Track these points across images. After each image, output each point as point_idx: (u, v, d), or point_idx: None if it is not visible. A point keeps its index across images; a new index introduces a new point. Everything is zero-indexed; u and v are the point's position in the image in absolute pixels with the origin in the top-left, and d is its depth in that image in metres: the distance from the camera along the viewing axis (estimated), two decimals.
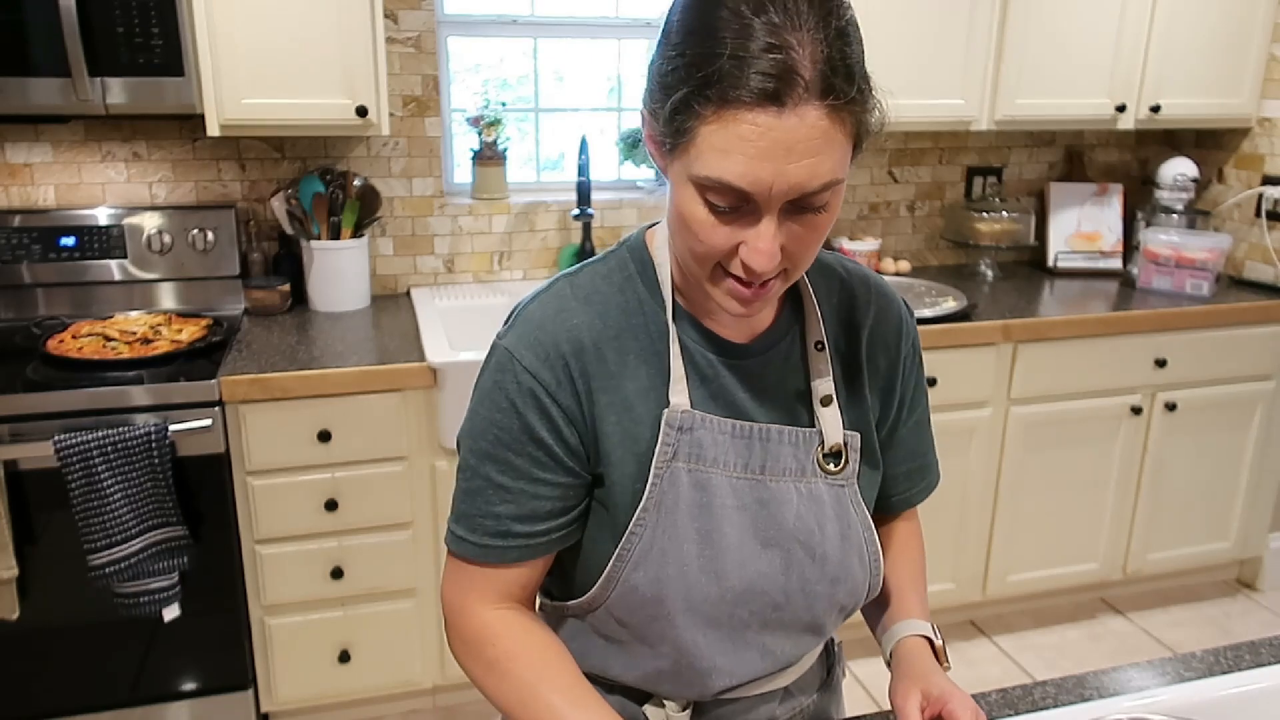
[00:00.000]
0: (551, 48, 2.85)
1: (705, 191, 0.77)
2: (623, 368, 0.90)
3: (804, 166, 0.74)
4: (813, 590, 0.95)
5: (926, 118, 2.67)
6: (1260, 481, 2.99)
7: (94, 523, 1.95)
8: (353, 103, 2.26)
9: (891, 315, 1.01)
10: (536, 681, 0.89)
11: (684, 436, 0.90)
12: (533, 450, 0.89)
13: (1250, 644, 1.17)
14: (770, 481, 0.93)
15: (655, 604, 0.91)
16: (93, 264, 2.43)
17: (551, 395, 0.88)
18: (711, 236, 0.79)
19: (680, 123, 0.76)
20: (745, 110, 0.72)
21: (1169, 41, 2.79)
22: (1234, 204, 3.05)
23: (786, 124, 0.72)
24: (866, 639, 2.81)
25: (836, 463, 0.95)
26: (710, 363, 0.92)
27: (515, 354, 0.89)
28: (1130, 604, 3.03)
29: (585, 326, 0.90)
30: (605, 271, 0.94)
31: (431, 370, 2.15)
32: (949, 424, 2.60)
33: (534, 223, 2.80)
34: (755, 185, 0.74)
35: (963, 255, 3.23)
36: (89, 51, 2.04)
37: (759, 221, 0.77)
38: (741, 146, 0.73)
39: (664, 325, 0.91)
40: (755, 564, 0.92)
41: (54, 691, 2.12)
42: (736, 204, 0.77)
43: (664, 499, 0.90)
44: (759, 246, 0.77)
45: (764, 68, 0.71)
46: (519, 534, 0.91)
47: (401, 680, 2.37)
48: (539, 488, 0.90)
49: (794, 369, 0.95)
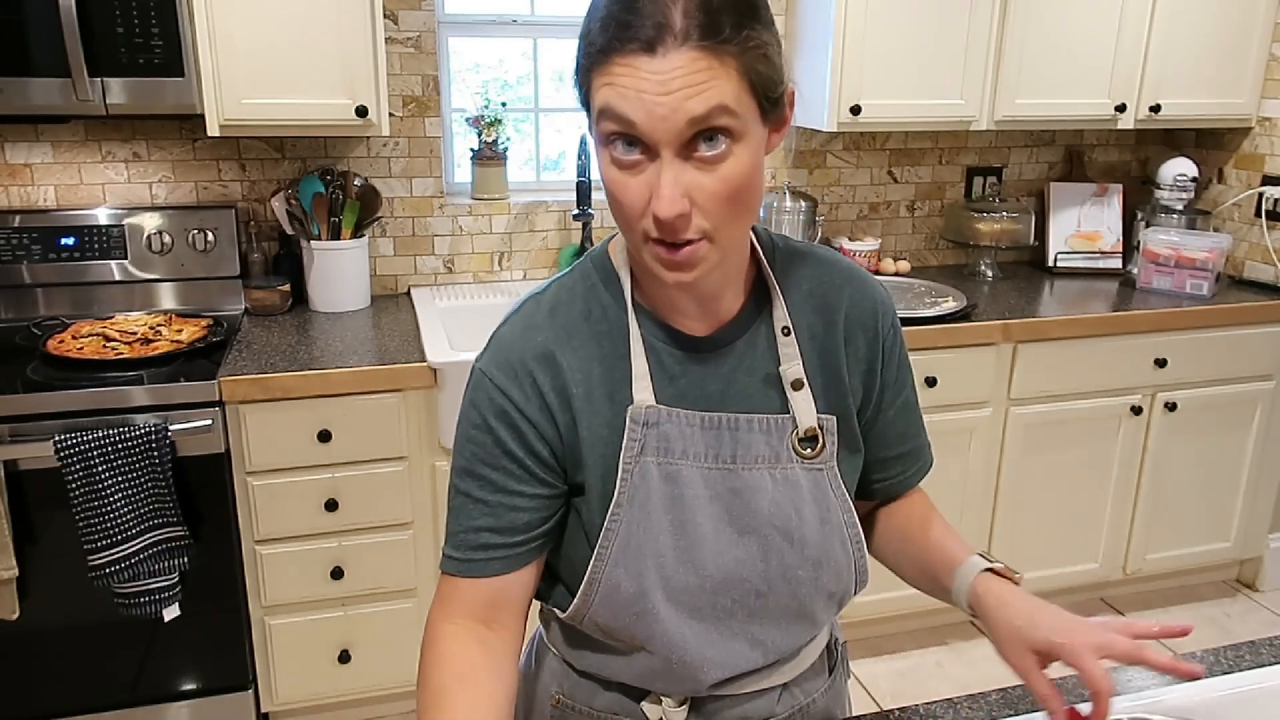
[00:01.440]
0: (551, 48, 2.85)
1: (609, 146, 0.81)
2: (590, 374, 0.93)
3: (683, 95, 0.77)
4: (795, 576, 0.96)
5: (926, 118, 2.68)
6: (1260, 481, 2.99)
7: (94, 523, 1.95)
8: (353, 103, 2.26)
9: (867, 297, 1.01)
10: (430, 703, 0.89)
11: (650, 431, 0.92)
12: (506, 464, 0.93)
13: (1250, 644, 1.17)
14: (743, 470, 0.94)
15: (638, 599, 0.93)
16: (93, 264, 2.43)
17: (520, 410, 0.92)
18: (625, 193, 0.82)
19: (584, 95, 0.83)
20: (619, 57, 0.78)
21: (1169, 41, 2.79)
22: (1234, 204, 3.05)
23: (661, 66, 0.76)
24: (867, 639, 2.81)
25: (812, 447, 0.96)
26: (676, 358, 0.94)
27: (487, 374, 0.93)
28: (1130, 604, 3.03)
29: (551, 340, 0.93)
30: (569, 284, 0.97)
31: (431, 370, 2.15)
32: (949, 424, 2.60)
33: (534, 223, 2.80)
34: (638, 118, 0.77)
35: (963, 255, 3.23)
36: (89, 52, 2.04)
37: (657, 168, 0.80)
38: (619, 88, 0.78)
39: (626, 327, 0.94)
40: (732, 552, 0.94)
41: (54, 691, 2.12)
42: (637, 150, 0.80)
43: (635, 494, 0.92)
44: (661, 192, 0.79)
45: (638, 19, 0.76)
46: (497, 545, 0.93)
47: (401, 680, 2.37)
48: (515, 499, 0.93)
49: (764, 356, 0.96)
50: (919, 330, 2.48)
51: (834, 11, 2.54)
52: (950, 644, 2.82)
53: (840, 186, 3.07)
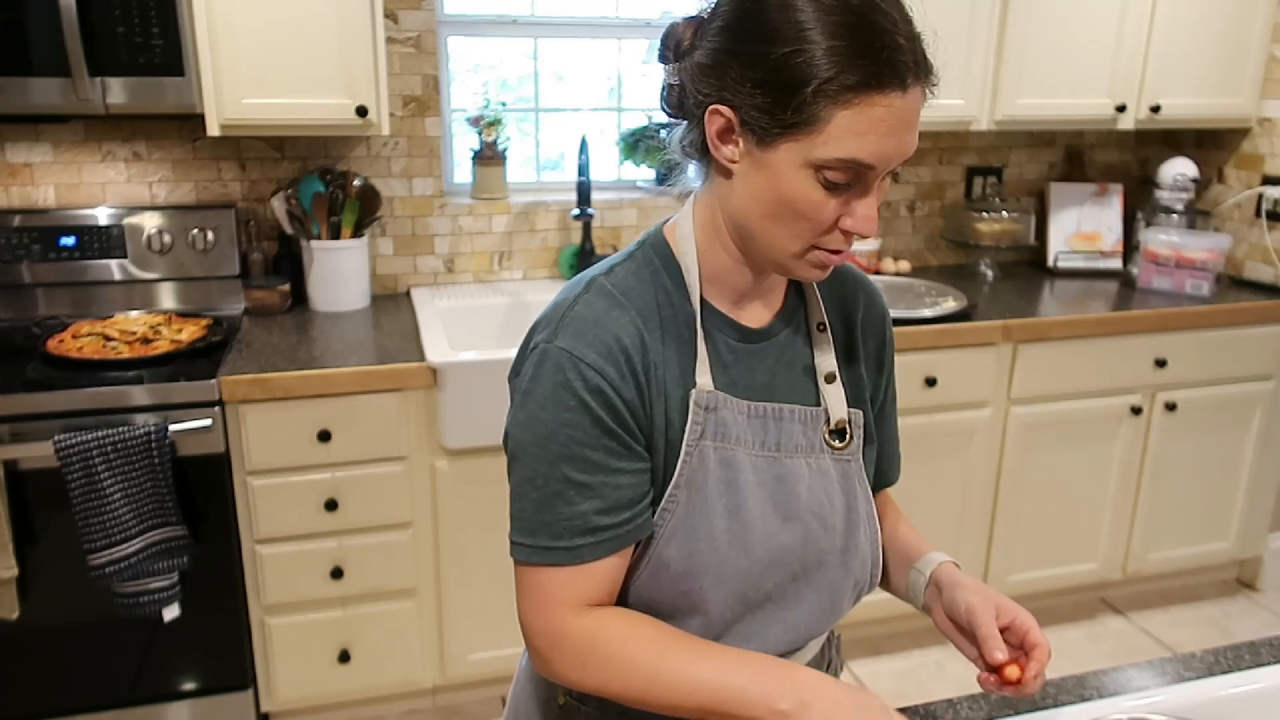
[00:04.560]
0: (551, 48, 2.85)
1: (825, 172, 0.84)
2: (661, 357, 0.94)
3: (912, 139, 0.85)
4: (827, 561, 1.00)
5: (926, 118, 2.66)
6: (1260, 481, 2.99)
7: (94, 522, 1.95)
8: (353, 103, 2.26)
9: (877, 302, 1.10)
10: (658, 657, 0.89)
11: (710, 415, 0.95)
12: (607, 442, 0.91)
13: (1250, 644, 1.17)
14: (785, 458, 0.98)
15: (687, 579, 0.95)
16: (93, 264, 2.43)
17: (616, 389, 0.90)
18: (821, 213, 0.86)
19: (811, 111, 0.81)
20: (879, 94, 0.81)
21: (1169, 41, 2.79)
22: (1234, 204, 3.05)
23: (907, 103, 0.82)
24: (865, 639, 2.81)
25: (841, 439, 1.01)
26: (731, 348, 0.98)
27: (575, 353, 0.90)
28: (1130, 604, 3.04)
29: (632, 321, 0.93)
30: (634, 268, 0.97)
31: (431, 370, 2.15)
32: (949, 424, 2.60)
33: (534, 223, 2.80)
34: (883, 160, 0.83)
35: (963, 255, 3.23)
36: (89, 51, 2.04)
37: (867, 193, 0.86)
38: (877, 127, 0.82)
39: (690, 314, 0.96)
40: (779, 537, 0.97)
41: (54, 691, 2.12)
42: (851, 180, 0.85)
43: (694, 476, 0.94)
44: (869, 215, 0.86)
45: (890, 54, 0.80)
46: (607, 527, 0.91)
47: (401, 680, 2.37)
48: (619, 478, 0.91)
49: (800, 350, 1.02)
50: (919, 330, 2.48)
51: None
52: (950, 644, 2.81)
53: None
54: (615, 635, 0.91)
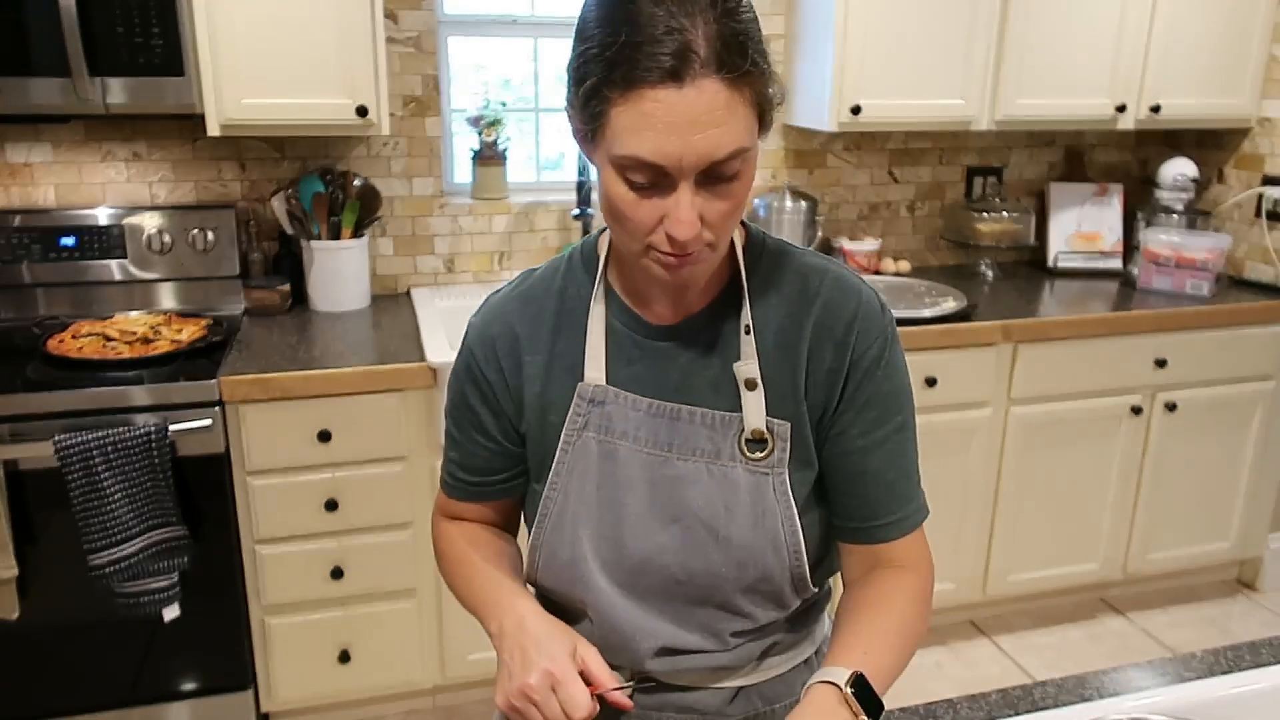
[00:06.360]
0: (551, 48, 2.85)
1: (624, 170, 0.82)
2: (552, 345, 1.00)
3: (709, 137, 0.79)
4: (716, 571, 0.97)
5: (926, 118, 2.68)
6: (1260, 481, 2.99)
7: (94, 522, 1.95)
8: (353, 102, 2.26)
9: (845, 307, 0.95)
10: (457, 567, 1.07)
11: (594, 409, 0.97)
12: (468, 414, 1.04)
13: (1250, 644, 1.17)
14: (678, 460, 0.96)
15: (575, 565, 0.99)
16: (93, 264, 2.43)
17: (481, 370, 1.02)
18: (635, 213, 0.84)
19: (594, 109, 0.81)
20: (648, 89, 0.78)
21: (1169, 42, 2.79)
22: (1234, 204, 3.05)
23: (687, 98, 0.77)
24: None
25: (760, 449, 0.95)
26: (638, 344, 0.98)
27: (467, 335, 1.05)
28: (1130, 604, 3.03)
29: (519, 311, 1.02)
30: (554, 265, 1.05)
31: (431, 370, 2.15)
32: (949, 424, 2.60)
33: (534, 223, 2.80)
34: (666, 158, 0.80)
35: (963, 255, 3.23)
36: (89, 51, 2.04)
37: (676, 194, 0.82)
38: (649, 123, 0.78)
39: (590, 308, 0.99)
40: (654, 538, 0.97)
41: (54, 691, 2.12)
42: (654, 179, 0.82)
43: (574, 466, 0.98)
44: (679, 217, 0.82)
45: (662, 49, 0.77)
46: (461, 479, 1.08)
47: (401, 680, 2.37)
48: (474, 447, 1.05)
49: (724, 352, 0.97)
50: (919, 330, 2.48)
51: (834, 11, 2.54)
52: (950, 644, 2.82)
53: (840, 186, 3.07)
54: (447, 544, 1.10)
